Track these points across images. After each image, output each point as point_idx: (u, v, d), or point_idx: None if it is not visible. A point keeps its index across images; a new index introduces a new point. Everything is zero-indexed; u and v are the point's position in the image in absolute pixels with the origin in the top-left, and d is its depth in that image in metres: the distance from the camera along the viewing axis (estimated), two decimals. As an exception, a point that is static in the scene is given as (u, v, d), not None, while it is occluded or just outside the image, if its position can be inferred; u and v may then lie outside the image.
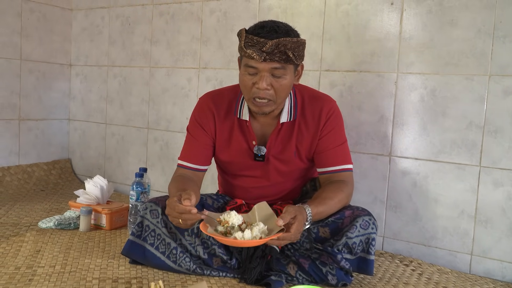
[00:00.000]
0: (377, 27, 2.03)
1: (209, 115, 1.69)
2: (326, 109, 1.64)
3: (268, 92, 1.51)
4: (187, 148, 1.71)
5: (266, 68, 1.48)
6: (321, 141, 1.64)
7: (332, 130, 1.64)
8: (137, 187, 2.03)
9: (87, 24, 2.97)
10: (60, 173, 2.99)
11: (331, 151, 1.64)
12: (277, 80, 1.50)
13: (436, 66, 1.91)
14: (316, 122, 1.64)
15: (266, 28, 1.47)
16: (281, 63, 1.48)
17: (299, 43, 1.49)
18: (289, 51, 1.46)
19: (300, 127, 1.65)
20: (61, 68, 3.02)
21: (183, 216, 1.40)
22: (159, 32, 2.67)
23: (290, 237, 1.40)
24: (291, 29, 1.53)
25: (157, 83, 2.70)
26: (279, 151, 1.66)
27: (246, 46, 1.48)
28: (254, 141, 1.66)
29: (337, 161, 1.64)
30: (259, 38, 1.46)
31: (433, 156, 1.94)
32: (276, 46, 1.44)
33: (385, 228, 2.05)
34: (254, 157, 1.67)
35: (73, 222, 2.08)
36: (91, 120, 3.00)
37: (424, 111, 1.95)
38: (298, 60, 1.51)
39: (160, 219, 1.59)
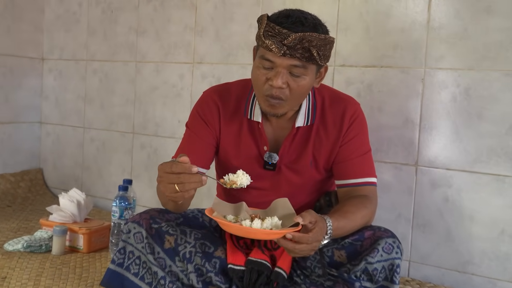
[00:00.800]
0: (401, 15, 2.04)
1: (214, 110, 1.69)
2: (350, 112, 1.65)
3: (282, 91, 1.51)
4: (185, 145, 1.70)
5: (284, 64, 1.48)
6: (342, 148, 1.65)
7: (356, 136, 1.65)
8: (120, 202, 2.04)
9: (62, 11, 3.00)
10: (30, 186, 3.01)
11: (354, 161, 1.65)
12: (294, 79, 1.51)
13: (471, 60, 1.92)
14: (337, 127, 1.65)
15: (291, 18, 1.47)
16: (302, 61, 1.47)
17: (326, 41, 1.49)
18: (313, 48, 1.46)
19: (318, 132, 1.66)
20: (31, 63, 3.04)
21: (181, 178, 1.32)
22: (146, 20, 2.69)
23: (307, 240, 1.38)
24: (320, 23, 1.53)
25: (144, 81, 2.71)
26: (293, 159, 1.67)
27: (266, 36, 1.48)
28: (266, 146, 1.67)
29: (360, 173, 1.65)
30: (282, 29, 1.46)
31: (468, 166, 1.94)
32: (300, 40, 1.44)
33: (411, 250, 2.05)
34: (264, 165, 1.68)
35: (44, 243, 2.09)
36: (67, 124, 3.02)
37: (457, 113, 1.96)
38: (323, 60, 1.51)
39: (145, 244, 1.59)
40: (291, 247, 1.40)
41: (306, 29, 1.46)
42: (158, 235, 1.59)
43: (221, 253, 1.60)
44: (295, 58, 1.47)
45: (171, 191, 1.34)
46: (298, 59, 1.47)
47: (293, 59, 1.47)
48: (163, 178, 1.35)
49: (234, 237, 1.68)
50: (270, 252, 1.65)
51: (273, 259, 1.63)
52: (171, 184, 1.33)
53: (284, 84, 1.50)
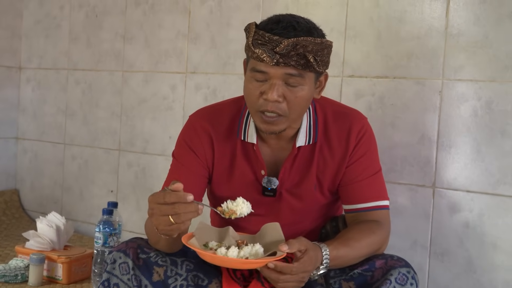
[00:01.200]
0: (416, 20, 2.05)
1: (204, 138, 1.67)
2: (356, 129, 1.64)
3: (279, 105, 1.50)
4: (173, 178, 1.70)
5: (278, 74, 1.47)
6: (349, 169, 1.64)
7: (364, 155, 1.64)
8: (104, 228, 2.03)
9: (41, 15, 3.01)
10: (5, 208, 3.00)
11: (362, 183, 1.64)
12: (292, 90, 1.49)
13: (493, 71, 1.92)
14: (343, 145, 1.63)
15: (282, 23, 1.47)
16: (298, 69, 1.46)
17: (323, 46, 1.49)
18: (309, 54, 1.45)
19: (322, 151, 1.64)
20: (7, 72, 3.04)
21: (176, 208, 1.30)
22: (134, 26, 2.70)
23: (291, 270, 1.38)
24: (315, 27, 1.53)
25: (132, 92, 2.71)
26: (295, 183, 1.66)
27: (255, 45, 1.47)
28: (264, 170, 1.65)
29: (370, 196, 1.64)
30: (272, 36, 1.45)
31: (490, 188, 1.93)
32: (294, 46, 1.44)
33: (428, 282, 2.04)
34: (263, 192, 1.67)
35: (20, 273, 2.08)
36: (46, 139, 3.01)
37: (478, 129, 1.95)
38: (321, 67, 1.50)
39: (132, 276, 1.57)
40: (275, 277, 1.40)
41: (300, 33, 1.45)
42: (146, 266, 1.58)
43: (215, 286, 1.59)
44: (290, 67, 1.45)
45: (165, 224, 1.33)
46: (294, 67, 1.46)
47: (288, 68, 1.46)
48: (155, 210, 1.34)
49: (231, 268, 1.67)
50: (271, 284, 1.63)
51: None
52: (164, 216, 1.32)
53: (281, 97, 1.48)
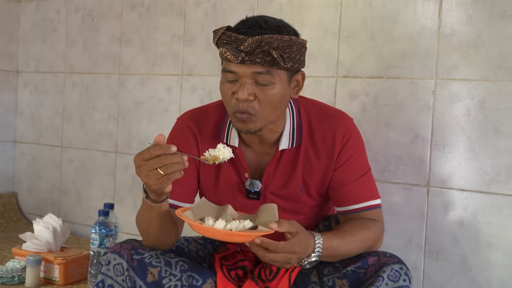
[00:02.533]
0: (409, 21, 2.06)
1: (191, 139, 1.68)
2: (341, 131, 1.63)
3: (250, 104, 1.50)
4: None
5: (246, 73, 1.47)
6: (337, 173, 1.63)
7: (351, 158, 1.63)
8: (100, 229, 2.04)
9: (38, 19, 3.02)
10: (3, 211, 3.01)
11: (351, 185, 1.64)
12: (262, 89, 1.49)
13: (485, 70, 1.94)
14: (329, 149, 1.63)
15: (248, 22, 1.48)
16: (265, 66, 1.47)
17: (292, 43, 1.49)
18: (274, 50, 1.45)
19: (307, 155, 1.64)
20: (5, 76, 3.06)
21: (162, 159, 1.32)
22: (130, 29, 2.71)
23: (276, 248, 1.38)
24: (286, 25, 1.53)
25: (128, 95, 2.73)
26: (279, 186, 1.66)
27: (220, 44, 1.49)
28: (247, 173, 1.66)
29: (361, 197, 1.64)
30: (238, 35, 1.46)
31: (484, 187, 1.94)
32: (258, 44, 1.44)
33: (423, 281, 2.05)
34: (247, 194, 1.68)
35: (17, 275, 2.09)
36: (43, 143, 3.02)
37: (471, 128, 1.96)
38: (289, 63, 1.50)
39: (126, 277, 1.58)
40: (261, 254, 1.41)
41: (266, 31, 1.46)
42: (140, 267, 1.58)
43: (210, 286, 1.60)
44: (257, 64, 1.46)
45: (155, 178, 1.35)
46: (260, 64, 1.46)
47: (254, 66, 1.46)
48: (142, 167, 1.35)
49: (225, 268, 1.68)
50: (265, 284, 1.64)
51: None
52: (153, 170, 1.34)
53: (251, 96, 1.49)
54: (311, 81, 2.24)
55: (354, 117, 2.09)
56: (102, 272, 1.61)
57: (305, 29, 2.25)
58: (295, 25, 2.23)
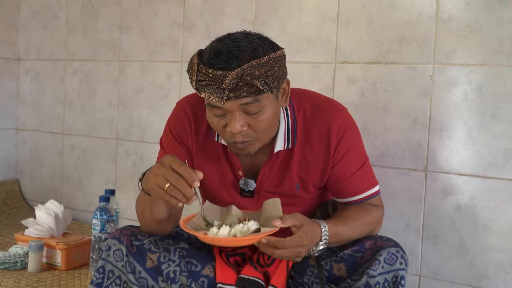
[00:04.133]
0: (407, 6, 2.06)
1: (186, 125, 1.66)
2: (336, 126, 1.59)
3: (245, 133, 1.47)
4: None
5: (234, 106, 1.42)
6: (335, 169, 1.62)
7: (348, 152, 1.61)
8: (101, 215, 2.05)
9: (38, 6, 3.02)
10: (6, 198, 3.03)
11: (350, 179, 1.63)
12: (253, 117, 1.45)
13: (483, 55, 1.94)
14: (324, 145, 1.60)
15: (222, 55, 1.40)
16: (251, 96, 1.41)
17: (271, 63, 1.42)
18: (257, 81, 1.39)
19: (304, 153, 1.62)
20: (6, 64, 3.06)
21: (179, 182, 1.33)
22: (130, 16, 2.71)
23: (283, 244, 1.39)
24: (259, 43, 1.44)
25: (129, 81, 2.74)
26: (274, 184, 1.65)
27: (200, 87, 1.42)
28: (241, 171, 1.65)
29: (360, 189, 1.65)
30: (216, 71, 1.39)
31: (482, 171, 1.95)
32: (240, 78, 1.38)
33: (421, 264, 2.06)
34: (241, 192, 1.68)
35: (19, 260, 2.11)
36: (45, 130, 3.04)
37: (469, 113, 1.97)
38: (273, 84, 1.43)
39: (126, 262, 1.59)
40: (270, 252, 1.42)
41: (242, 61, 1.39)
42: (139, 253, 1.60)
43: (209, 272, 1.61)
44: (242, 97, 1.41)
45: (158, 184, 1.36)
46: (246, 96, 1.41)
47: (240, 99, 1.41)
48: (162, 169, 1.36)
49: (224, 253, 1.69)
50: (264, 268, 1.65)
51: (267, 276, 1.63)
52: (164, 179, 1.35)
53: (244, 127, 1.46)
54: (310, 67, 2.25)
55: (353, 103, 2.13)
56: (102, 258, 1.62)
57: (303, 14, 2.26)
58: (292, 11, 2.27)
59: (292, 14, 2.28)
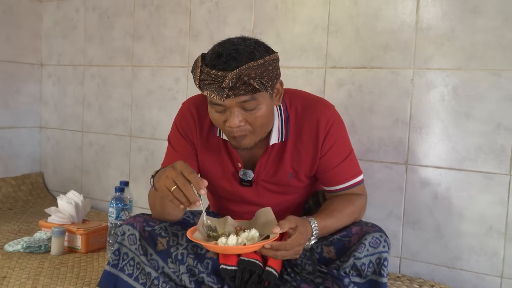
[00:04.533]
0: (390, 16, 2.06)
1: (191, 124, 1.67)
2: (324, 121, 1.60)
3: (242, 128, 1.48)
4: (168, 163, 1.71)
5: (233, 103, 1.43)
6: (323, 160, 1.63)
7: (335, 144, 1.62)
8: (117, 203, 2.05)
9: (59, 17, 3.02)
10: (31, 189, 3.03)
11: (337, 168, 1.64)
12: (250, 113, 1.47)
13: (458, 61, 1.94)
14: (313, 138, 1.61)
15: (223, 57, 1.40)
16: (248, 94, 1.42)
17: (266, 64, 1.43)
18: (254, 80, 1.40)
19: (296, 145, 1.63)
20: (30, 69, 3.06)
21: (185, 187, 1.33)
22: (142, 26, 2.71)
23: (285, 247, 1.41)
24: (256, 46, 1.45)
25: (141, 84, 2.73)
26: (270, 174, 1.66)
27: (202, 86, 1.44)
28: (240, 163, 1.65)
29: (346, 178, 1.65)
30: (216, 72, 1.40)
31: (456, 164, 1.96)
32: (238, 77, 1.39)
33: (402, 247, 2.07)
34: (240, 182, 1.69)
35: (43, 244, 2.11)
36: (66, 128, 3.04)
37: (445, 113, 1.97)
38: (268, 84, 1.44)
39: (138, 246, 1.60)
40: (273, 254, 1.43)
41: (241, 62, 1.40)
42: (151, 237, 1.61)
43: (213, 254, 1.61)
44: (240, 95, 1.42)
45: (166, 185, 1.36)
46: (243, 95, 1.42)
47: (239, 97, 1.42)
48: (172, 173, 1.36)
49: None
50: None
51: (265, 258, 1.64)
52: (172, 182, 1.35)
53: (242, 122, 1.47)
54: (303, 71, 2.24)
55: (341, 103, 2.13)
56: (118, 242, 1.63)
57: (297, 24, 2.26)
58: (287, 22, 2.27)
59: (287, 24, 2.28)
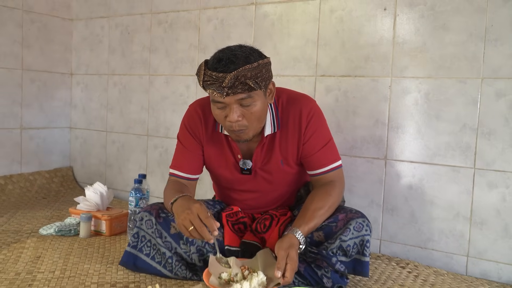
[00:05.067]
0: (371, 32, 2.05)
1: (198, 123, 1.68)
2: (306, 112, 1.61)
3: (240, 123, 1.49)
4: (178, 157, 1.71)
5: (232, 101, 1.45)
6: (305, 146, 1.63)
7: (315, 132, 1.62)
8: (136, 193, 2.05)
9: (87, 33, 3.01)
10: (62, 181, 3.02)
11: (318, 154, 1.63)
12: (247, 109, 1.48)
13: (430, 70, 1.93)
14: (297, 127, 1.62)
15: (223, 61, 1.43)
16: (245, 92, 1.44)
17: (260, 67, 1.45)
18: (249, 80, 1.42)
19: (282, 134, 1.63)
20: (62, 77, 3.06)
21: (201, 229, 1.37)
22: (157, 40, 2.70)
23: (288, 281, 1.39)
24: (251, 52, 1.47)
25: (156, 91, 2.73)
26: (265, 162, 1.66)
27: (206, 86, 1.46)
28: (239, 155, 1.66)
29: (325, 162, 1.64)
30: (217, 74, 1.42)
31: (428, 159, 1.95)
32: (236, 78, 1.41)
33: (381, 231, 2.06)
34: (241, 171, 1.69)
35: (73, 228, 2.10)
36: (92, 128, 3.03)
37: (419, 115, 1.97)
38: (262, 83, 1.46)
39: (155, 230, 1.61)
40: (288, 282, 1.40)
41: (238, 65, 1.41)
42: (165, 222, 1.61)
43: (219, 236, 1.61)
44: (238, 93, 1.43)
45: (185, 223, 1.39)
46: (241, 93, 1.43)
47: (237, 95, 1.44)
48: (190, 216, 1.39)
49: (230, 223, 1.69)
50: (260, 235, 1.66)
51: (263, 240, 1.64)
52: (190, 224, 1.39)
53: (240, 117, 1.48)
54: (297, 79, 2.24)
55: (329, 107, 2.13)
56: (137, 226, 1.64)
57: (291, 39, 2.25)
58: (283, 36, 2.26)
59: (283, 39, 2.27)
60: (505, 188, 1.81)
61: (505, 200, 1.81)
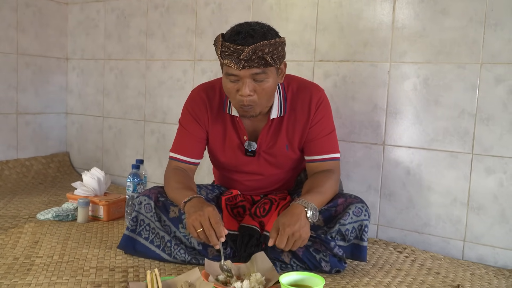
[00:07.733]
0: (370, 17, 2.04)
1: (202, 107, 1.68)
2: (316, 99, 1.64)
3: (251, 98, 1.49)
4: (179, 141, 1.70)
5: (246, 74, 1.46)
6: (311, 130, 1.64)
7: (322, 119, 1.65)
8: (133, 179, 2.04)
9: (82, 17, 2.98)
10: (59, 167, 3.01)
11: (320, 140, 1.65)
12: (259, 84, 1.48)
13: (429, 55, 1.92)
14: (306, 112, 1.64)
15: (241, 34, 1.44)
16: (260, 68, 1.45)
17: (277, 45, 1.46)
18: (267, 55, 1.43)
19: (290, 119, 1.65)
20: (57, 62, 3.03)
21: (209, 232, 1.39)
22: (154, 25, 2.67)
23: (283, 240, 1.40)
24: (269, 29, 1.49)
25: (153, 76, 2.71)
26: (270, 145, 1.67)
27: (223, 56, 1.46)
28: (245, 136, 1.66)
29: (325, 150, 1.65)
30: (236, 46, 1.42)
31: (426, 145, 1.95)
32: (254, 52, 1.41)
33: (379, 216, 2.07)
34: (245, 152, 1.68)
35: (71, 213, 2.10)
36: (88, 114, 3.01)
37: (417, 100, 1.96)
38: (278, 62, 1.48)
39: (153, 213, 1.60)
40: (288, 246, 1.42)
41: (256, 39, 1.43)
42: (164, 207, 1.61)
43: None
44: (254, 67, 1.44)
45: (195, 224, 1.41)
46: (257, 67, 1.44)
47: (252, 69, 1.44)
48: (202, 218, 1.41)
49: (229, 207, 1.69)
50: (259, 219, 1.66)
51: (262, 224, 1.64)
52: (199, 225, 1.41)
53: (252, 91, 1.48)
54: (295, 64, 2.22)
55: (328, 92, 2.11)
56: (135, 210, 1.63)
57: (289, 23, 2.23)
58: (281, 21, 2.24)
59: (281, 23, 2.25)
60: (502, 173, 1.81)
61: (502, 186, 1.81)
